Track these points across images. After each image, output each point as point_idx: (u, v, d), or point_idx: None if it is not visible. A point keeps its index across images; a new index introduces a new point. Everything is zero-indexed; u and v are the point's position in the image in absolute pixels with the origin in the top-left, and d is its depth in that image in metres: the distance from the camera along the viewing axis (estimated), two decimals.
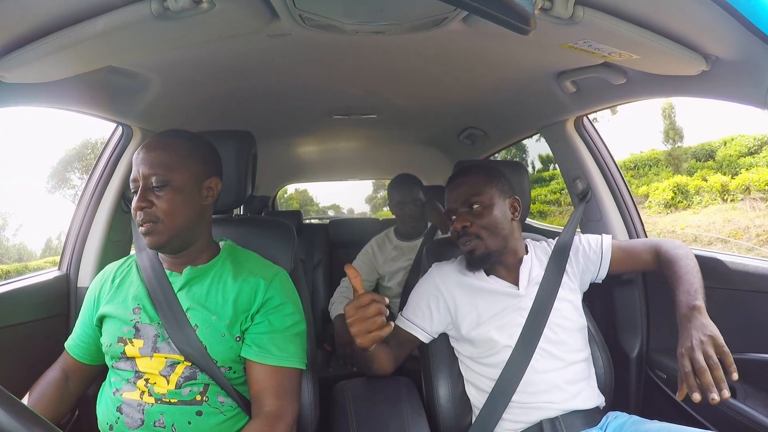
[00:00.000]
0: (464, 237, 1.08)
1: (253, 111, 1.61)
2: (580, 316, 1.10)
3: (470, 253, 1.09)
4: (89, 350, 0.97)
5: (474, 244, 1.07)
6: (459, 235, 1.09)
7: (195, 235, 0.95)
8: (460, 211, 1.10)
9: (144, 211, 0.88)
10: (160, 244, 0.90)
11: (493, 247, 1.08)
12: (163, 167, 0.90)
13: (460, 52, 1.09)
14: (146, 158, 0.91)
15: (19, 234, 19.42)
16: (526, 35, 0.57)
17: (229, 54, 1.05)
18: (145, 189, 0.89)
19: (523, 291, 1.08)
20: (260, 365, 0.89)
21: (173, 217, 0.89)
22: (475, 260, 1.09)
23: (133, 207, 0.89)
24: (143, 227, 0.89)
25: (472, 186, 1.10)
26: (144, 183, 0.89)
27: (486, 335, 1.03)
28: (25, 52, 0.75)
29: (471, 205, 1.09)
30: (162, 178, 0.89)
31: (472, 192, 1.10)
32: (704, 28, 0.78)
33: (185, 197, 0.91)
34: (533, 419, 0.99)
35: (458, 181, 1.13)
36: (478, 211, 1.08)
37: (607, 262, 1.14)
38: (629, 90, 1.13)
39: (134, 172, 0.91)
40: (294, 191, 21.20)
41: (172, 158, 0.91)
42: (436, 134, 2.28)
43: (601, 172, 1.48)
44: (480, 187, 1.10)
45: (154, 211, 0.88)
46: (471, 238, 1.08)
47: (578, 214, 1.29)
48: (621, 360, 1.30)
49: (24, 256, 16.16)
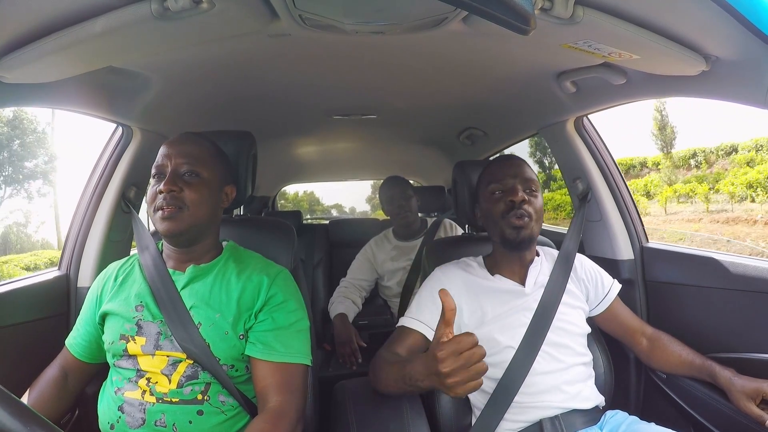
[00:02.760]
0: (520, 210, 1.04)
1: (253, 111, 1.61)
2: (584, 322, 1.10)
3: (518, 230, 1.04)
4: (90, 348, 0.98)
5: (526, 222, 1.04)
6: (512, 208, 1.04)
7: (206, 233, 0.97)
8: (518, 187, 1.06)
9: (171, 194, 0.89)
10: (179, 231, 0.91)
11: (536, 233, 1.08)
12: (195, 158, 0.94)
13: (460, 52, 1.09)
14: (177, 147, 0.94)
15: (40, 230, 20.92)
16: (526, 35, 0.57)
17: (229, 54, 1.05)
18: (176, 175, 0.91)
19: (529, 290, 1.07)
20: (265, 362, 0.89)
21: (198, 207, 0.92)
22: (520, 239, 1.05)
23: (158, 188, 0.90)
24: (166, 210, 0.89)
25: (527, 169, 1.10)
26: (174, 169, 0.92)
27: (489, 335, 1.03)
28: (25, 52, 0.75)
29: (529, 185, 1.07)
30: (194, 168, 0.93)
31: (530, 174, 1.09)
32: (704, 28, 0.77)
33: (210, 193, 0.95)
34: (533, 418, 0.99)
35: (513, 161, 1.11)
36: (535, 195, 1.07)
37: (606, 304, 1.16)
38: (629, 90, 1.13)
39: (161, 159, 0.94)
40: (303, 193, 22.37)
41: (203, 153, 0.96)
42: (436, 134, 2.28)
43: (602, 172, 1.48)
44: (532, 174, 1.10)
45: (182, 196, 0.90)
46: (527, 215, 1.04)
47: (580, 219, 1.28)
48: (621, 360, 1.30)
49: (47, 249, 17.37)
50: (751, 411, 0.92)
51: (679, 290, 1.28)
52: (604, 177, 1.47)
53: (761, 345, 1.05)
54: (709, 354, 1.08)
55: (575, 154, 1.49)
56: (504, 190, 1.07)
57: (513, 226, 1.05)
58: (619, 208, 1.46)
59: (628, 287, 1.38)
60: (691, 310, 1.25)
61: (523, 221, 1.04)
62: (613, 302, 1.17)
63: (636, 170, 19.27)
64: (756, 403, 0.93)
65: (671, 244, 1.52)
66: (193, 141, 0.97)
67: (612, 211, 1.46)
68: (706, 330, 1.19)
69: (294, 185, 3.86)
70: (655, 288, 1.37)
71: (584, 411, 1.01)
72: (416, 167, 3.11)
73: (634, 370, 1.35)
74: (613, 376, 1.14)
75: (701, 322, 1.21)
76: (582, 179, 1.49)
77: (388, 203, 2.04)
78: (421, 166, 2.99)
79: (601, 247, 1.49)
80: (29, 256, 17.55)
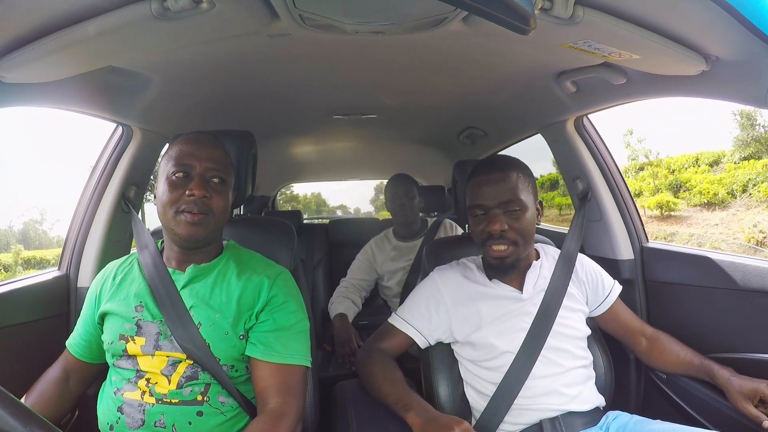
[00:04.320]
0: (499, 240, 1.00)
1: (253, 111, 1.61)
2: (584, 325, 1.10)
3: (501, 259, 1.01)
4: (90, 348, 0.98)
5: (509, 251, 1.00)
6: (490, 238, 1.00)
7: (217, 237, 0.98)
8: (496, 212, 1.00)
9: (203, 200, 0.88)
10: (201, 238, 0.90)
11: (523, 253, 1.03)
12: (222, 164, 0.93)
13: (460, 52, 1.09)
14: (205, 151, 0.92)
15: (55, 227, 22.14)
16: (526, 35, 0.57)
17: (229, 54, 1.05)
18: (204, 179, 0.90)
19: (527, 296, 1.06)
20: (265, 363, 0.89)
21: (222, 214, 0.93)
22: (504, 267, 1.02)
23: (189, 191, 0.87)
24: (196, 216, 0.87)
25: (512, 186, 1.01)
26: (202, 173, 0.90)
27: (486, 340, 1.02)
28: (25, 52, 0.75)
29: (509, 206, 1.00)
30: (221, 175, 0.92)
31: (512, 193, 1.00)
32: (704, 28, 0.77)
33: (229, 199, 0.96)
34: (532, 420, 0.99)
35: (495, 176, 1.02)
36: (517, 215, 1.00)
37: (606, 306, 1.16)
38: (629, 90, 1.13)
39: (186, 159, 0.90)
40: (311, 195, 23.38)
41: (226, 159, 0.96)
42: (435, 134, 2.28)
43: (601, 172, 1.47)
44: (519, 188, 1.01)
45: (211, 203, 0.89)
46: (506, 243, 1.00)
47: (581, 219, 1.27)
48: (621, 360, 1.30)
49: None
50: (749, 411, 0.92)
51: (679, 290, 1.29)
52: (604, 177, 1.47)
53: (761, 345, 1.05)
54: (709, 354, 1.08)
55: (575, 154, 1.49)
56: (485, 213, 1.02)
57: (493, 256, 1.02)
58: (619, 208, 1.46)
59: (628, 287, 1.38)
60: (691, 310, 1.25)
61: (506, 251, 1.00)
62: (614, 303, 1.16)
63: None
64: (754, 403, 0.93)
65: (671, 244, 1.52)
66: (217, 145, 0.96)
67: (612, 211, 1.46)
68: (706, 330, 1.19)
69: (302, 188, 3.85)
70: (655, 288, 1.37)
71: (584, 413, 1.01)
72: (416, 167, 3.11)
73: (634, 370, 1.35)
74: (613, 377, 1.14)
75: (701, 322, 1.21)
76: (582, 179, 1.49)
77: (392, 200, 2.05)
78: (421, 166, 2.99)
79: (601, 247, 1.49)
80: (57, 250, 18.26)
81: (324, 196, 26.58)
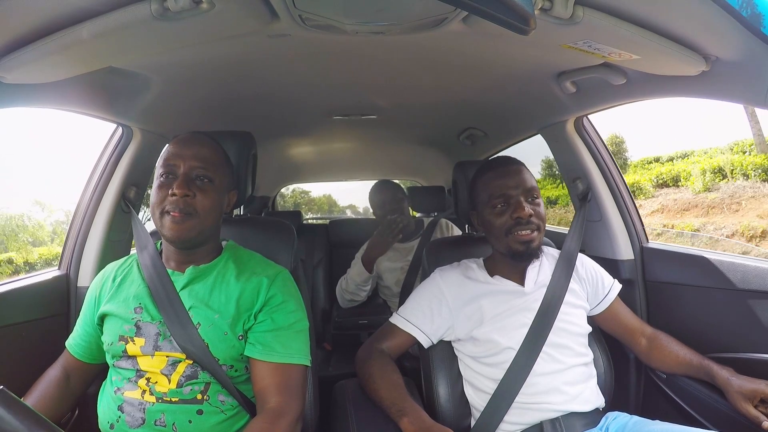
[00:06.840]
0: (526, 226, 1.03)
1: (253, 111, 1.61)
2: (585, 322, 1.10)
3: (527, 244, 1.03)
4: (90, 349, 0.98)
5: (534, 235, 1.03)
6: (517, 224, 1.03)
7: (210, 237, 0.97)
8: (521, 199, 1.04)
9: (185, 199, 0.87)
10: (187, 239, 0.90)
11: (542, 240, 1.07)
12: (208, 163, 0.91)
13: (460, 52, 1.09)
14: (190, 149, 0.91)
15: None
16: (526, 35, 0.56)
17: (229, 54, 1.05)
18: (188, 178, 0.89)
19: (529, 290, 1.07)
20: (264, 363, 0.89)
21: (208, 214, 0.91)
22: (530, 252, 1.04)
23: (171, 191, 0.87)
24: (177, 215, 0.87)
25: (529, 176, 1.07)
26: (186, 172, 0.89)
27: (488, 335, 1.03)
28: (25, 53, 0.75)
29: (532, 194, 1.05)
30: (207, 174, 0.90)
31: (531, 182, 1.06)
32: (704, 28, 0.77)
33: (219, 199, 0.94)
34: (533, 420, 0.99)
35: (513, 168, 1.07)
36: (538, 203, 1.05)
37: (606, 304, 1.16)
38: (629, 90, 1.13)
39: (172, 159, 0.90)
40: (322, 195, 24.03)
41: (216, 158, 0.94)
42: (436, 135, 2.28)
43: (601, 172, 1.48)
44: (532, 179, 1.07)
45: (194, 202, 0.88)
46: (532, 227, 1.03)
47: (581, 219, 1.27)
48: (621, 360, 1.30)
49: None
50: (748, 412, 0.92)
51: (679, 290, 1.29)
52: (604, 177, 1.47)
53: (761, 345, 1.05)
54: (709, 354, 1.08)
55: (575, 155, 1.49)
56: (507, 203, 1.05)
57: (521, 241, 1.04)
58: (619, 208, 1.46)
59: (628, 287, 1.38)
60: (691, 310, 1.25)
61: (532, 235, 1.03)
62: (613, 302, 1.17)
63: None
64: (753, 403, 0.93)
65: (671, 244, 1.53)
66: (205, 143, 0.95)
67: (612, 211, 1.46)
68: (706, 330, 1.19)
69: (316, 191, 3.84)
70: (655, 288, 1.37)
71: (584, 413, 1.01)
72: (416, 167, 3.11)
73: (634, 370, 1.35)
74: (613, 376, 1.15)
75: (701, 322, 1.21)
76: (582, 179, 1.49)
77: (380, 208, 2.04)
78: (421, 166, 2.99)
79: (602, 247, 1.49)
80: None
81: (334, 197, 27.50)
